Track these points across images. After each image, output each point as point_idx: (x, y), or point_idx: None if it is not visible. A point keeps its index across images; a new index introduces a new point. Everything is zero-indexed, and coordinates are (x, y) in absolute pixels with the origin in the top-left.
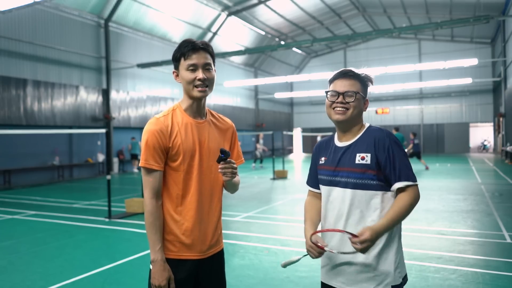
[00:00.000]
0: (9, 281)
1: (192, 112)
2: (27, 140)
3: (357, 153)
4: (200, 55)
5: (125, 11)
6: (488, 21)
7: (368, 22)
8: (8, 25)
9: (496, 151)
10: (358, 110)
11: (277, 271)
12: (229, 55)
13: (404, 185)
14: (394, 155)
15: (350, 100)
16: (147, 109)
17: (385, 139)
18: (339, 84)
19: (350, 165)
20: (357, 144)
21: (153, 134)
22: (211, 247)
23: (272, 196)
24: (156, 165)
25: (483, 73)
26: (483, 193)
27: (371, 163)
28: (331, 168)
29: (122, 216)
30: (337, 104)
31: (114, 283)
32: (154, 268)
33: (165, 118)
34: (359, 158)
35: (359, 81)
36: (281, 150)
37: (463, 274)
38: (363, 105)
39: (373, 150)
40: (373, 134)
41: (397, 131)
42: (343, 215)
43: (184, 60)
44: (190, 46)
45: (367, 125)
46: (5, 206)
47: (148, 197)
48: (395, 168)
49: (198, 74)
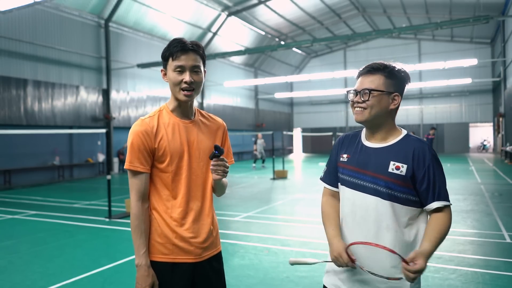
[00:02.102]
0: (9, 280)
1: (180, 113)
2: (28, 140)
3: (391, 160)
4: (189, 56)
5: (125, 11)
6: (487, 21)
7: (368, 22)
8: (9, 25)
9: (495, 151)
10: (379, 109)
11: (277, 271)
12: (229, 55)
13: (442, 205)
14: (434, 171)
15: (365, 98)
16: (147, 109)
17: (426, 153)
18: (360, 82)
19: (381, 172)
20: (392, 150)
21: (137, 135)
22: (207, 250)
23: (272, 196)
24: (141, 167)
25: (482, 73)
26: (483, 193)
27: (406, 175)
28: (356, 169)
29: (122, 216)
30: (354, 103)
31: (114, 283)
32: (138, 273)
33: (150, 119)
34: (393, 166)
35: (384, 75)
36: (281, 150)
37: (463, 274)
38: (388, 102)
39: (411, 162)
40: (413, 144)
41: None
42: (377, 227)
43: (172, 60)
44: (179, 47)
45: (405, 132)
46: (5, 206)
47: (134, 200)
48: (434, 186)
49: (185, 76)
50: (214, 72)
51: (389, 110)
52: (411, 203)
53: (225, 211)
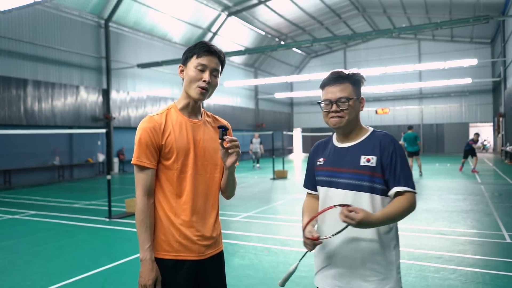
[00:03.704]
0: (9, 280)
1: (188, 112)
2: (28, 140)
3: (361, 155)
4: (213, 59)
5: (125, 11)
6: (487, 21)
7: (368, 22)
8: (9, 25)
9: (495, 151)
10: (354, 114)
11: (277, 271)
12: (229, 55)
13: (403, 190)
14: (396, 160)
15: (344, 107)
16: (147, 109)
17: (390, 144)
18: (330, 91)
19: (354, 166)
20: (361, 146)
21: (145, 131)
22: (209, 248)
23: (272, 196)
24: (148, 163)
25: (482, 73)
26: (483, 193)
27: (376, 165)
28: (331, 169)
29: (122, 216)
30: (332, 113)
31: (114, 283)
32: (143, 267)
33: (159, 116)
34: (364, 160)
35: (350, 83)
36: (281, 150)
37: (463, 274)
38: (359, 106)
39: (379, 153)
40: (379, 138)
41: (410, 129)
42: None
43: (196, 58)
44: (206, 47)
45: (371, 129)
46: (5, 206)
47: (139, 195)
48: (396, 173)
49: (205, 75)
50: None
51: (359, 112)
52: (381, 192)
53: (225, 211)
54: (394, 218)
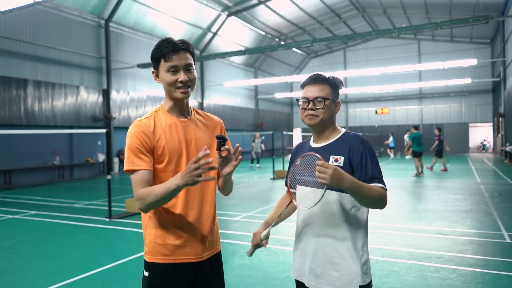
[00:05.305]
0: (9, 280)
1: (176, 112)
2: (28, 140)
3: (331, 154)
4: (181, 56)
5: (125, 11)
6: (487, 22)
7: (367, 22)
8: (9, 25)
9: (495, 151)
10: (329, 114)
11: (277, 271)
12: (229, 55)
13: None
14: (366, 159)
15: (320, 106)
16: (147, 109)
17: (360, 145)
18: (309, 90)
19: None
20: (332, 147)
21: (135, 136)
22: (207, 250)
23: (272, 196)
24: (145, 165)
25: (482, 73)
26: (483, 193)
27: (344, 165)
28: (304, 168)
29: (122, 216)
30: (308, 111)
31: (115, 283)
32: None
33: (147, 120)
34: (332, 159)
35: (329, 85)
36: (281, 150)
37: (463, 274)
38: (334, 108)
39: (347, 153)
40: (349, 139)
41: (416, 129)
42: (316, 214)
43: (165, 61)
44: (170, 47)
45: (343, 131)
46: (5, 206)
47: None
48: (366, 171)
49: (180, 76)
50: (214, 72)
51: (334, 114)
52: None
53: (225, 211)
54: (364, 192)
